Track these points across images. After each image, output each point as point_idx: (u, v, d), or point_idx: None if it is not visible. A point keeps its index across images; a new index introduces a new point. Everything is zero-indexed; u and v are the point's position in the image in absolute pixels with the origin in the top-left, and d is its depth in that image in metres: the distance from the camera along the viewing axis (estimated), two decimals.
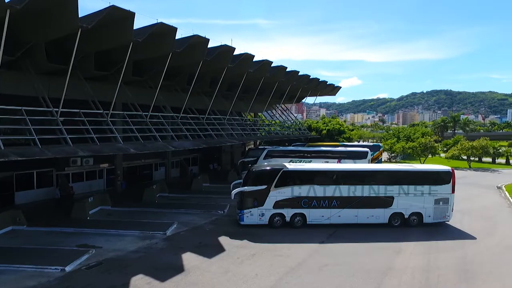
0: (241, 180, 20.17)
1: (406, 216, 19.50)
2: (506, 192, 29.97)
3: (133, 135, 20.88)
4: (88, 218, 20.15)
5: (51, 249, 15.14)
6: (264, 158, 33.82)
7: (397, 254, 15.55)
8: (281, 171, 18.82)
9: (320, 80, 40.55)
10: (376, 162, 38.45)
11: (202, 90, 29.16)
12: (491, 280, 12.92)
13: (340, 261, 14.44)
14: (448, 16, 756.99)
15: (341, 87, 47.36)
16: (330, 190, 19.03)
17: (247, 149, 44.90)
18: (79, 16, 15.76)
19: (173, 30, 19.60)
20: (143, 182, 30.54)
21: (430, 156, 53.84)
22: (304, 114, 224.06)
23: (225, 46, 23.61)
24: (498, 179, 38.60)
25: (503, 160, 56.69)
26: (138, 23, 18.36)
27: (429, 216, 19.63)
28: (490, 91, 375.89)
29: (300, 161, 32.71)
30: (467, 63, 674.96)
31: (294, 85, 36.51)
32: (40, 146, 16.10)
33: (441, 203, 19.71)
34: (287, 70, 33.38)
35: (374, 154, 38.40)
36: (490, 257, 15.29)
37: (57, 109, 18.07)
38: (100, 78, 22.13)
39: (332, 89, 45.63)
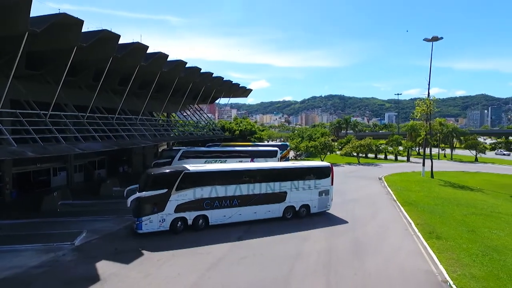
0: (137, 185, 18.38)
1: (297, 209, 21.35)
2: (385, 182, 36.36)
3: (29, 137, 18.35)
4: None
5: None
6: (179, 159, 33.46)
7: (304, 241, 17.61)
8: (183, 173, 18.07)
9: (233, 82, 41.98)
10: (284, 160, 41.92)
11: (111, 88, 27.21)
12: (376, 255, 15.86)
13: (257, 252, 15.69)
14: (339, 30, 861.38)
15: (252, 90, 49.83)
16: (231, 190, 19.28)
17: (160, 150, 43.49)
18: None
19: (79, 22, 17.98)
20: (39, 189, 26.89)
21: (328, 153, 60.94)
22: (216, 114, 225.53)
23: (138, 43, 22.69)
24: (380, 171, 46.32)
25: (382, 156, 68.12)
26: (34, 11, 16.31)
27: (315, 207, 21.99)
28: (372, 97, 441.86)
29: (215, 161, 33.43)
30: (355, 72, 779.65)
31: (208, 86, 37.03)
32: None
33: (323, 194, 22.25)
34: (201, 71, 33.66)
35: (283, 153, 41.86)
36: (374, 236, 18.64)
37: None
38: None
39: (244, 91, 47.69)
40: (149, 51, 25.06)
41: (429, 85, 42.02)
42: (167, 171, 18.81)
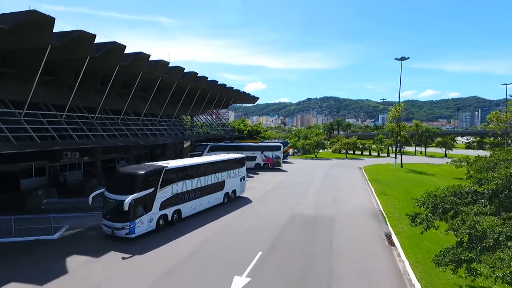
0: (102, 190, 17.56)
1: (230, 194, 24.96)
2: (363, 170, 47.56)
3: (131, 133, 29.07)
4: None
5: None
6: (208, 152, 44.52)
7: (302, 197, 28.44)
8: (164, 170, 18.22)
9: (245, 92, 53.10)
10: (285, 155, 53.34)
11: (160, 98, 37.99)
12: (349, 202, 26.71)
13: (267, 209, 26.33)
14: (333, 32, 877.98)
15: (259, 98, 60.78)
16: (195, 182, 20.94)
17: (184, 146, 54.35)
18: None
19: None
20: (110, 173, 37.31)
21: (321, 150, 72.10)
22: (214, 116, 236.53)
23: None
24: (361, 163, 57.59)
25: (367, 152, 79.59)
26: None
27: (238, 191, 26.26)
28: (367, 99, 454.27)
29: (236, 153, 44.38)
30: (350, 74, 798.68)
31: (229, 96, 48.06)
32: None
33: (242, 180, 26.57)
34: (226, 86, 44.63)
35: (284, 148, 53.13)
36: (349, 195, 29.51)
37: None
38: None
39: (253, 99, 58.68)
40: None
41: (399, 94, 53.31)
42: (152, 169, 18.00)
